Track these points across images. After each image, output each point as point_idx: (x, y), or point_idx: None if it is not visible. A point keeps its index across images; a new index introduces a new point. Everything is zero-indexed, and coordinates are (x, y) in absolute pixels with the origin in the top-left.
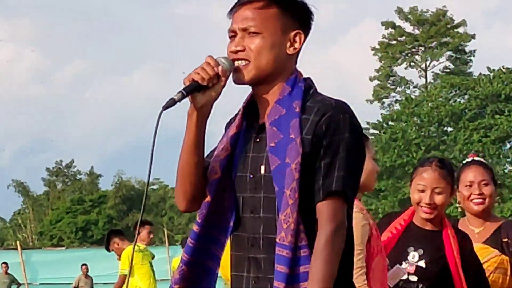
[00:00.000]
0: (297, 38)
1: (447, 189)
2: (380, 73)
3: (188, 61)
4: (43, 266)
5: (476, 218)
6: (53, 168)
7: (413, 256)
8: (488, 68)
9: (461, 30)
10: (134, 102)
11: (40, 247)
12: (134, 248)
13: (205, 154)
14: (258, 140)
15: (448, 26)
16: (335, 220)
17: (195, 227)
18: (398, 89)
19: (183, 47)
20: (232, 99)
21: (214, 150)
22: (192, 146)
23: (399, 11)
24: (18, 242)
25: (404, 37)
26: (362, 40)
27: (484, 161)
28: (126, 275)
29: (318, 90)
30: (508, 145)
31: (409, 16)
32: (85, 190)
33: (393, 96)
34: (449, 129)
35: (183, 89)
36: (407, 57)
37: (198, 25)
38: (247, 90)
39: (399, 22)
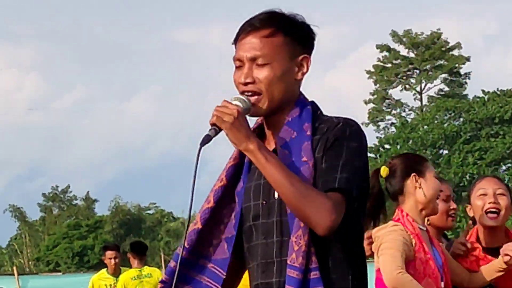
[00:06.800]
0: (304, 63)
1: (507, 195)
2: (375, 96)
3: (187, 87)
4: None
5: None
6: (49, 193)
7: None
8: (483, 91)
9: (455, 52)
10: (132, 128)
11: (37, 273)
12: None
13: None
14: None
15: (443, 48)
16: (335, 211)
17: (183, 252)
18: (394, 112)
19: (182, 73)
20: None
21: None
22: None
23: (394, 34)
24: (14, 268)
25: (399, 60)
26: (360, 64)
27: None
28: None
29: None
30: (504, 168)
31: (403, 39)
32: (81, 215)
33: (389, 119)
34: (444, 151)
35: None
36: (402, 80)
37: (197, 50)
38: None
39: (394, 45)
